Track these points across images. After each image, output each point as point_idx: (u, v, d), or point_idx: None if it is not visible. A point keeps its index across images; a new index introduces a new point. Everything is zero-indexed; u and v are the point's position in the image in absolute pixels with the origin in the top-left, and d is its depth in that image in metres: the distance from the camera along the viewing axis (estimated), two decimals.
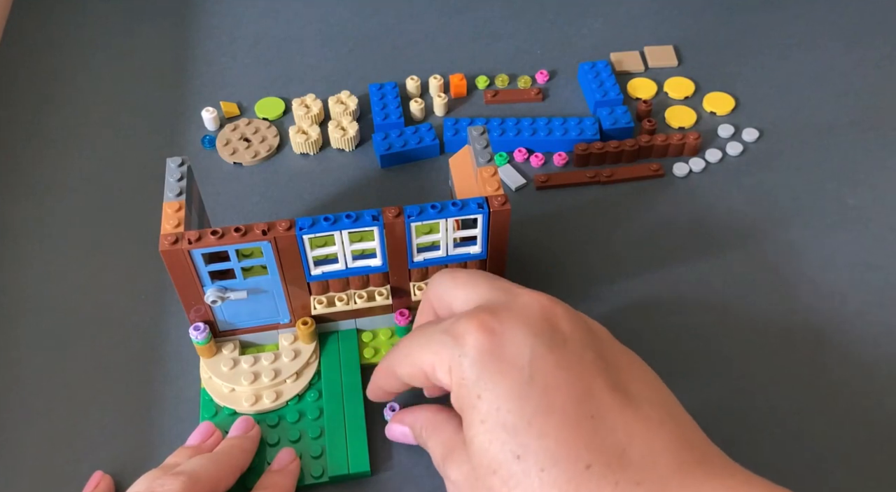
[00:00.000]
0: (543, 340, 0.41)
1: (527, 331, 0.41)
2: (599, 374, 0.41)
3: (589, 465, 0.38)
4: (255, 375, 0.56)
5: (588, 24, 0.84)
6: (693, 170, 0.71)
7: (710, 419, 0.55)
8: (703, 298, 0.62)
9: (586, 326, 0.44)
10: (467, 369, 0.41)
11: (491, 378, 0.40)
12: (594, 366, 0.41)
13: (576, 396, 0.40)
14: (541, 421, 0.39)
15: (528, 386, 0.40)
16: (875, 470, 0.53)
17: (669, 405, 0.42)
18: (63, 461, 0.55)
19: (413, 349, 0.45)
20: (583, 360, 0.41)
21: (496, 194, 0.53)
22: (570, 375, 0.40)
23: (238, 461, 0.52)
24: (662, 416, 0.40)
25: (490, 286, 0.45)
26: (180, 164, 0.54)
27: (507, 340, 0.41)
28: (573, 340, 0.42)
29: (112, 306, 0.62)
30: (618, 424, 0.39)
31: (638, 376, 0.43)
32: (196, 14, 0.86)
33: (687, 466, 0.39)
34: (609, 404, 0.40)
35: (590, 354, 0.42)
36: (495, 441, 0.40)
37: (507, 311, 0.43)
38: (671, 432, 0.40)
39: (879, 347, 0.59)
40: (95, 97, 0.78)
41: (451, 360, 0.42)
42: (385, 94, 0.76)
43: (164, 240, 0.50)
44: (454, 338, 0.42)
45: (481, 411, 0.40)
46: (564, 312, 0.44)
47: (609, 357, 0.43)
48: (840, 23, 0.84)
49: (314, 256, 0.53)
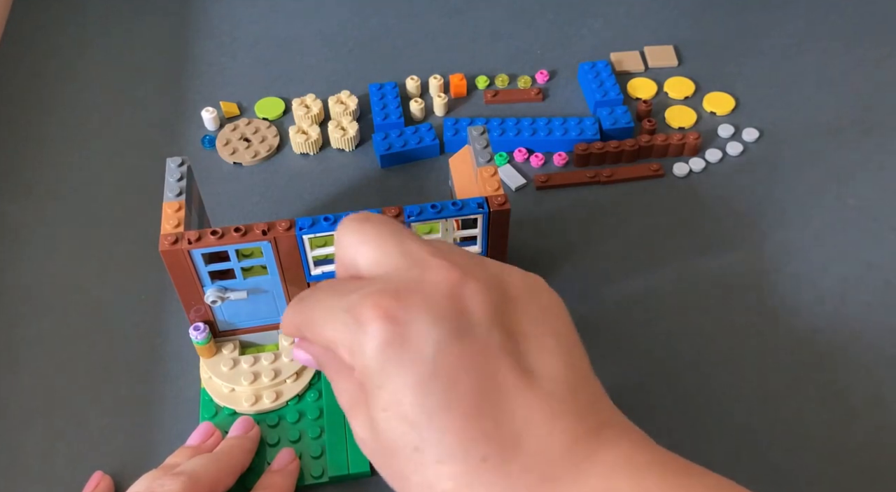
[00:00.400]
0: (449, 328, 0.40)
1: (433, 319, 0.40)
2: (505, 356, 0.40)
3: (485, 457, 0.38)
4: (255, 375, 0.56)
5: (588, 24, 0.84)
6: (693, 170, 0.71)
7: (709, 417, 0.56)
8: (703, 297, 0.62)
9: (500, 297, 0.42)
10: (369, 358, 0.40)
11: (393, 371, 0.39)
12: (500, 349, 0.40)
13: (479, 387, 0.39)
14: (441, 416, 0.38)
15: (430, 381, 0.39)
16: (877, 470, 0.53)
17: (573, 375, 0.41)
18: (63, 461, 0.55)
19: (316, 321, 0.43)
20: (489, 345, 0.40)
21: (496, 194, 0.53)
22: (475, 364, 0.39)
23: (238, 461, 0.52)
24: (563, 391, 0.40)
25: (399, 251, 0.43)
26: (180, 164, 0.54)
27: (412, 330, 0.39)
28: (481, 323, 0.40)
29: (112, 306, 0.62)
30: (518, 409, 0.39)
31: (546, 345, 0.42)
32: (196, 14, 0.86)
33: (581, 441, 0.39)
34: (512, 388, 0.39)
35: (497, 336, 0.40)
36: (395, 430, 0.39)
37: (413, 294, 0.41)
38: (569, 408, 0.40)
39: (879, 347, 0.59)
40: (95, 97, 0.78)
41: (353, 344, 0.41)
42: (385, 94, 0.76)
43: (164, 240, 0.50)
44: (356, 322, 0.40)
45: (383, 399, 0.40)
46: (475, 289, 0.41)
47: (519, 331, 0.42)
48: (840, 23, 0.84)
49: (314, 256, 0.53)
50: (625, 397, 0.57)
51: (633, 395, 0.57)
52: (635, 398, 0.57)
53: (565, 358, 0.42)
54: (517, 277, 0.44)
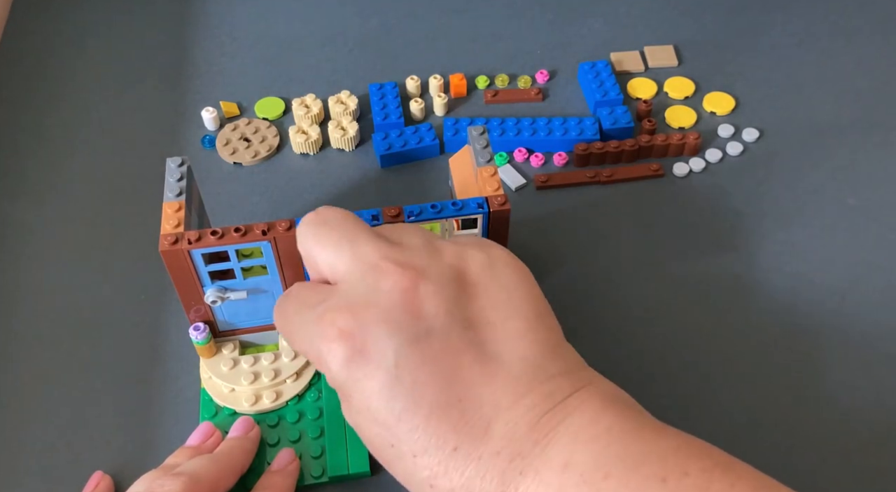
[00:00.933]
0: (407, 336, 0.41)
1: (388, 331, 0.42)
2: (467, 349, 0.42)
3: (456, 447, 0.40)
4: (255, 375, 0.56)
5: (588, 24, 0.84)
6: (693, 170, 0.71)
7: (710, 417, 0.56)
8: (703, 297, 0.62)
9: (457, 290, 0.43)
10: (335, 371, 0.42)
11: (358, 382, 0.42)
12: (460, 343, 0.42)
13: (443, 385, 0.41)
14: (409, 417, 0.41)
15: (395, 386, 0.41)
16: (876, 469, 0.53)
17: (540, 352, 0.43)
18: (63, 461, 0.55)
19: (291, 333, 0.46)
20: (448, 343, 0.42)
21: (496, 194, 0.53)
22: (437, 365, 0.41)
23: (238, 462, 0.52)
24: (530, 371, 0.42)
25: (352, 257, 0.44)
26: (180, 164, 0.54)
27: (370, 344, 0.41)
28: (438, 323, 0.42)
29: (112, 306, 0.62)
30: (485, 397, 0.41)
31: (510, 328, 0.43)
32: (196, 14, 0.86)
33: (547, 414, 0.41)
34: (476, 379, 0.41)
35: (456, 331, 0.42)
36: (370, 430, 0.42)
37: (367, 308, 0.42)
38: (535, 386, 0.41)
39: (879, 347, 0.59)
40: (95, 97, 0.78)
41: (319, 359, 0.43)
42: (385, 94, 0.76)
43: (164, 240, 0.50)
44: (320, 339, 0.43)
45: (354, 406, 0.43)
46: (429, 291, 0.43)
47: (481, 319, 0.43)
48: (840, 22, 0.84)
49: None
50: None
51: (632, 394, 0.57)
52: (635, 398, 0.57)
53: (531, 336, 0.43)
54: (476, 260, 0.45)
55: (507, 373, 0.41)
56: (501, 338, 0.43)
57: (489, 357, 0.42)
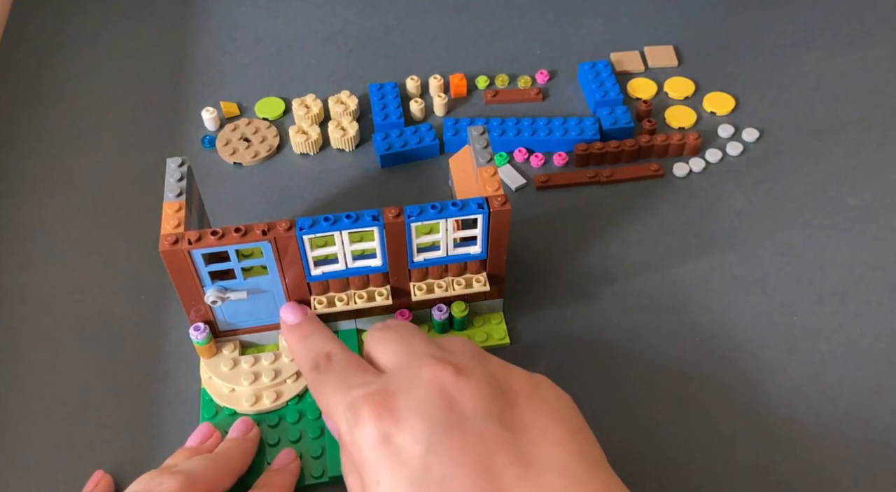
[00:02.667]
0: (440, 425, 0.41)
1: (423, 417, 0.42)
2: (501, 448, 0.41)
3: None
4: (256, 375, 0.56)
5: (588, 24, 0.84)
6: (693, 170, 0.71)
7: (709, 417, 0.56)
8: (703, 297, 0.62)
9: (496, 393, 0.44)
10: (365, 453, 0.42)
11: (388, 468, 0.41)
12: (495, 440, 0.41)
13: (474, 480, 0.40)
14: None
15: (424, 477, 0.40)
16: (880, 469, 0.53)
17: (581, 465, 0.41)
18: (63, 461, 0.55)
19: (325, 405, 0.47)
20: (483, 437, 0.41)
21: (496, 194, 0.53)
22: (468, 457, 0.40)
23: (237, 463, 0.52)
24: (568, 483, 0.40)
25: (405, 350, 0.47)
26: (180, 164, 0.54)
27: (403, 429, 0.42)
28: (473, 417, 0.42)
29: (112, 306, 0.62)
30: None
31: (550, 435, 0.42)
32: (196, 14, 0.86)
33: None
34: (510, 480, 0.40)
35: (492, 428, 0.41)
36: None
37: (405, 394, 0.43)
38: None
39: (879, 347, 0.59)
40: (95, 97, 0.78)
41: (350, 439, 0.44)
42: (385, 94, 0.76)
43: (164, 240, 0.50)
44: (354, 419, 0.43)
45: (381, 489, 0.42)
46: (467, 384, 0.43)
47: (516, 424, 0.42)
48: (840, 22, 0.84)
49: (314, 256, 0.53)
50: (625, 396, 0.57)
51: (633, 394, 0.57)
52: (635, 398, 0.57)
53: (569, 446, 0.42)
54: (520, 375, 0.46)
55: (543, 481, 0.40)
56: (539, 444, 0.41)
57: (525, 461, 0.40)
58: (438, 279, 0.56)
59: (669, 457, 0.54)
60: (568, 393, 0.57)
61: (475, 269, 0.56)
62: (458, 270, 0.56)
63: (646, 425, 0.56)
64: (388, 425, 0.42)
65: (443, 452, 0.40)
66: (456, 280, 0.56)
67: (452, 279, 0.56)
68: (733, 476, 0.53)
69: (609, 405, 0.57)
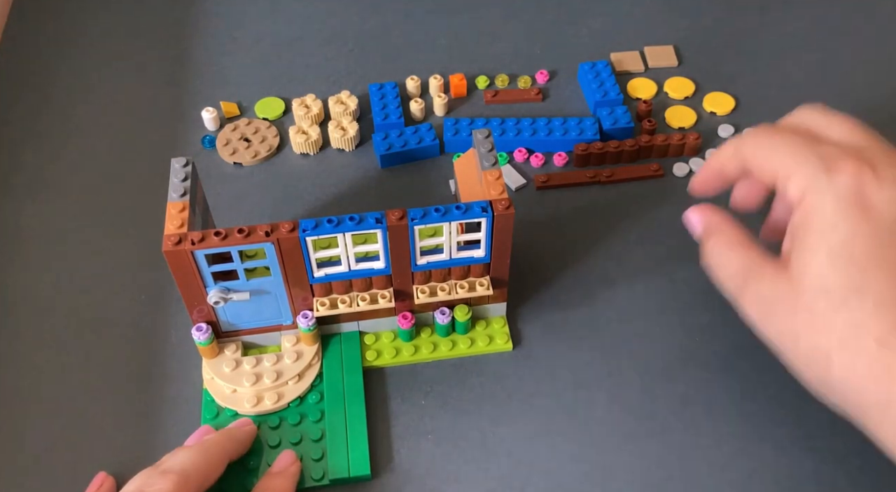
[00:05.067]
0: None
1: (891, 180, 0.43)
2: None
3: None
4: (257, 376, 0.56)
5: (588, 24, 0.84)
6: (693, 170, 0.71)
7: (708, 417, 0.56)
8: (703, 297, 0.62)
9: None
10: (829, 201, 0.43)
11: (853, 217, 0.43)
12: None
13: None
14: (889, 268, 0.42)
15: (887, 235, 0.42)
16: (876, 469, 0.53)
17: None
18: (64, 462, 0.55)
19: (778, 150, 0.47)
20: None
21: (500, 198, 0.53)
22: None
23: (227, 450, 0.52)
24: None
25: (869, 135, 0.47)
26: (185, 164, 0.54)
27: (879, 192, 0.43)
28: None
29: (114, 306, 0.62)
30: None
31: None
32: (196, 14, 0.86)
33: None
34: None
35: None
36: (838, 270, 0.43)
37: (887, 166, 0.44)
38: None
39: None
40: (96, 97, 0.78)
41: (813, 185, 0.44)
42: (385, 94, 0.76)
43: (168, 240, 0.50)
44: (826, 166, 0.44)
45: (831, 240, 0.43)
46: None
47: None
48: (840, 23, 0.84)
49: (317, 258, 0.53)
50: (626, 396, 0.57)
51: (633, 394, 0.57)
52: (636, 398, 0.57)
53: None
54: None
55: None
56: None
57: None
58: (441, 282, 0.56)
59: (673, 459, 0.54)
60: (568, 393, 0.57)
61: (478, 272, 0.56)
62: (462, 274, 0.56)
63: (648, 425, 0.56)
64: (867, 181, 0.43)
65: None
66: (459, 284, 0.56)
67: (455, 283, 0.56)
68: (732, 476, 0.53)
69: (610, 406, 0.57)
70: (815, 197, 0.44)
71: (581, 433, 0.55)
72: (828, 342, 0.43)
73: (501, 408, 0.57)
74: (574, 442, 0.55)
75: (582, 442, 0.55)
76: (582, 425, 0.56)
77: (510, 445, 0.55)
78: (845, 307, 0.42)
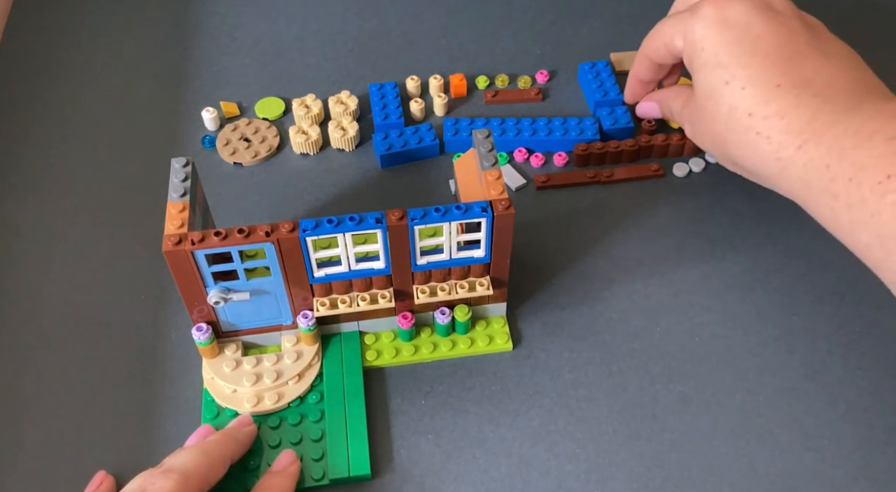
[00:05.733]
0: (760, 9, 0.55)
1: (748, 4, 0.55)
2: (801, 34, 0.54)
3: (778, 85, 0.52)
4: (258, 376, 0.56)
5: (588, 24, 0.85)
6: (693, 170, 0.71)
7: (708, 417, 0.56)
8: (703, 298, 0.62)
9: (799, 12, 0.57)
10: (697, 30, 0.56)
11: (714, 33, 0.55)
12: (799, 29, 0.55)
13: (777, 44, 0.53)
14: (747, 59, 0.54)
15: (742, 37, 0.54)
16: (876, 469, 0.53)
17: (856, 61, 0.55)
18: (64, 461, 0.55)
19: (659, 28, 0.61)
20: (790, 24, 0.55)
21: (500, 198, 0.53)
22: (776, 30, 0.54)
23: (229, 451, 0.52)
24: (848, 65, 0.54)
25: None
26: (185, 164, 0.54)
27: (731, 10, 0.55)
28: (784, 13, 0.55)
29: (114, 306, 0.62)
30: (807, 64, 0.53)
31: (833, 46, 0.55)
32: (196, 14, 0.86)
33: (866, 90, 0.52)
34: (804, 52, 0.53)
35: (796, 23, 0.55)
36: (712, 75, 0.55)
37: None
38: (851, 75, 0.53)
39: (879, 346, 0.59)
40: (96, 97, 0.78)
41: (686, 27, 0.57)
42: (385, 94, 0.76)
43: (168, 240, 0.50)
44: (691, 12, 0.57)
45: (703, 57, 0.56)
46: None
47: (813, 29, 0.56)
48: (840, 23, 0.84)
49: (317, 258, 0.53)
50: (626, 396, 0.57)
51: (633, 394, 0.57)
52: (636, 398, 0.57)
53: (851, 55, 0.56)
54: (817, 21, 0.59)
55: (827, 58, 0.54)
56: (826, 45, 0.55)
57: (815, 46, 0.54)
58: (441, 282, 0.57)
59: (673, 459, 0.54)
60: (569, 394, 0.57)
61: (478, 272, 0.56)
62: (462, 274, 0.56)
63: (649, 425, 0.56)
64: (719, 10, 0.55)
65: (759, 24, 0.54)
66: (459, 284, 0.56)
67: (455, 283, 0.56)
68: (731, 476, 0.53)
69: (610, 406, 0.57)
70: (689, 34, 0.57)
71: (581, 433, 0.55)
72: (721, 129, 0.55)
73: (501, 408, 0.57)
74: (574, 442, 0.55)
75: (582, 442, 0.55)
76: (582, 425, 0.56)
77: (510, 445, 0.55)
78: (723, 99, 0.54)
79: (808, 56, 0.53)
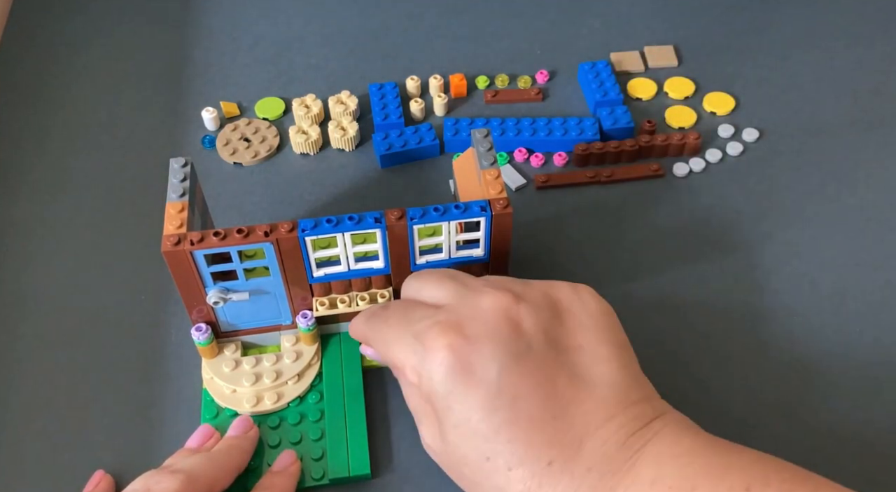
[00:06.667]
0: (509, 351, 0.45)
1: (494, 345, 0.45)
2: (561, 370, 0.45)
3: (551, 461, 0.43)
4: (257, 376, 0.56)
5: (588, 24, 0.84)
6: (693, 170, 0.71)
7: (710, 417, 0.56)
8: (704, 298, 0.62)
9: (550, 315, 0.47)
10: (437, 383, 0.45)
11: (461, 393, 0.44)
12: (556, 363, 0.45)
13: (540, 401, 0.44)
14: (508, 429, 0.43)
15: (496, 399, 0.44)
16: (875, 469, 0.53)
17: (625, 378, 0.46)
18: (63, 461, 0.55)
19: (386, 341, 0.49)
20: (545, 362, 0.45)
21: (499, 197, 0.53)
22: (535, 381, 0.44)
23: (235, 461, 0.52)
24: (617, 394, 0.45)
25: (455, 285, 0.49)
26: (183, 164, 0.54)
27: (475, 357, 0.44)
28: (536, 342, 0.45)
29: (114, 307, 0.62)
30: (577, 416, 0.44)
31: (599, 354, 0.46)
32: (196, 14, 0.86)
33: (633, 435, 0.43)
34: (570, 399, 0.44)
35: (552, 353, 0.45)
36: (467, 444, 0.44)
37: (473, 322, 0.46)
38: (622, 409, 0.44)
39: (879, 347, 0.59)
40: (96, 97, 0.78)
41: (420, 368, 0.46)
42: (385, 94, 0.76)
43: (167, 241, 0.50)
44: (425, 349, 0.46)
45: (452, 418, 0.45)
46: (527, 310, 0.46)
47: (573, 344, 0.46)
48: (840, 22, 0.84)
49: (316, 257, 0.53)
50: None
51: None
52: None
53: (617, 363, 0.46)
54: (565, 290, 0.49)
55: (598, 395, 0.44)
56: (590, 362, 0.46)
57: (580, 379, 0.45)
58: None
59: None
60: None
61: (478, 272, 0.56)
62: None
63: None
64: (460, 348, 0.45)
65: (513, 377, 0.44)
66: None
67: None
68: None
69: None
70: (427, 381, 0.46)
71: None
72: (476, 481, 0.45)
73: None
74: None
75: None
76: None
77: None
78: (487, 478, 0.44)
79: (571, 400, 0.44)
